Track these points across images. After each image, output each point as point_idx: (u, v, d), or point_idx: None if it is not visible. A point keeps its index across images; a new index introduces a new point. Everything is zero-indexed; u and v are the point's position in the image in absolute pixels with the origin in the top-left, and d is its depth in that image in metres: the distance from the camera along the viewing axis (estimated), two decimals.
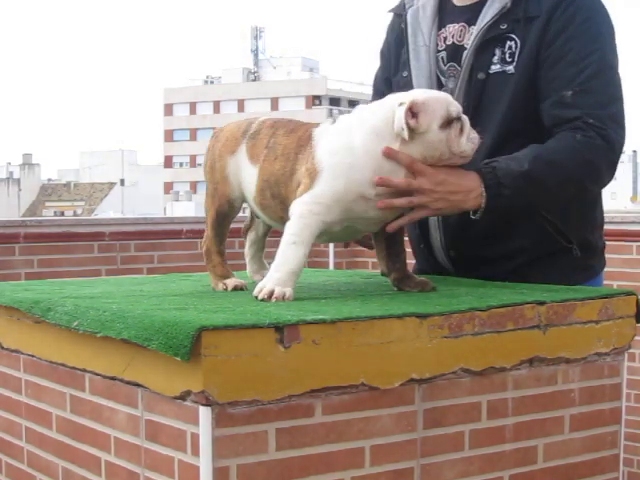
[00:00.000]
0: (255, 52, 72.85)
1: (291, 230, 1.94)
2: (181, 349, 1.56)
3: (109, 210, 50.19)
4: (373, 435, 1.71)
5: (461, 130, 2.01)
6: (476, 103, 2.24)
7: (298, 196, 1.97)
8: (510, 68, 2.22)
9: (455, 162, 2.04)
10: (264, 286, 1.91)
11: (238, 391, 1.58)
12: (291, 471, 1.64)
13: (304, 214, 1.94)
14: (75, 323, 1.83)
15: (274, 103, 66.51)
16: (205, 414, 1.57)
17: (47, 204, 62.89)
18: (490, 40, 2.24)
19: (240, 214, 2.25)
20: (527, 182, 2.10)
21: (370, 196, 1.96)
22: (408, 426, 1.75)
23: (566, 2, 2.20)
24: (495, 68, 2.24)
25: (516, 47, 2.22)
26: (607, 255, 2.44)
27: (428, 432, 1.77)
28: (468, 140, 2.02)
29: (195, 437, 1.59)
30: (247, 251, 2.34)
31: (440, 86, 2.32)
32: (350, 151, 1.96)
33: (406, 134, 1.95)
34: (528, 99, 2.21)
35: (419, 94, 2.01)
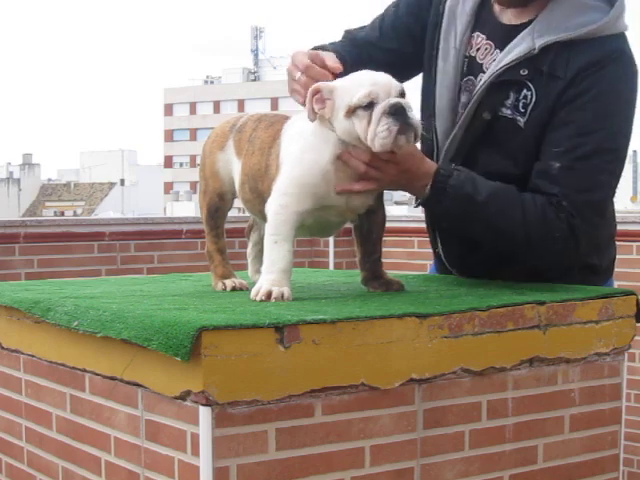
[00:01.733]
0: (255, 52, 72.85)
1: (270, 230, 1.95)
2: (181, 349, 1.56)
3: (109, 210, 50.15)
4: (373, 435, 1.71)
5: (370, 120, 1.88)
6: (476, 140, 2.16)
7: (271, 193, 1.98)
8: (521, 120, 2.11)
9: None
10: (260, 288, 1.91)
11: (238, 391, 1.58)
12: (291, 471, 1.64)
13: (277, 210, 1.95)
14: (75, 323, 1.83)
15: (274, 103, 66.47)
16: (205, 414, 1.57)
17: (47, 204, 62.85)
18: (506, 82, 2.12)
19: (241, 214, 2.26)
20: (470, 210, 2.04)
21: (328, 174, 1.94)
22: (408, 426, 1.75)
23: (593, 69, 2.07)
24: (506, 112, 2.12)
25: (531, 99, 2.10)
26: None
27: (428, 432, 1.77)
28: (375, 135, 1.87)
29: (195, 437, 1.59)
30: (249, 252, 2.34)
31: (459, 93, 2.22)
32: (302, 135, 1.96)
33: (311, 117, 1.93)
34: (536, 153, 2.11)
35: (341, 80, 1.95)
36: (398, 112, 1.88)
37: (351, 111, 1.90)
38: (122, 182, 64.13)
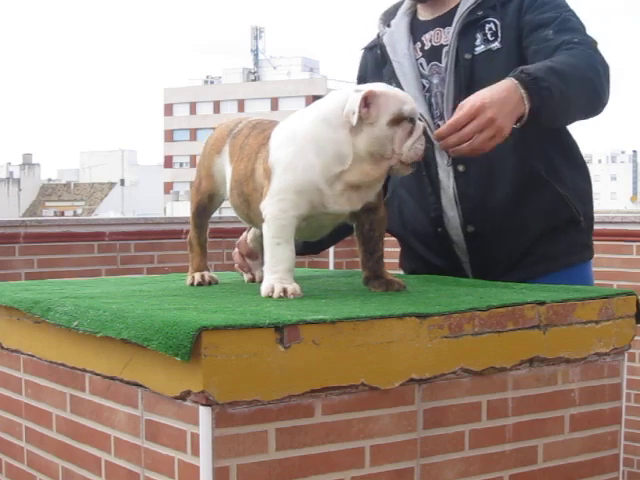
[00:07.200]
0: (255, 52, 72.83)
1: (271, 233, 1.96)
2: (181, 349, 1.56)
3: (109, 210, 50.13)
4: (373, 435, 1.71)
5: (410, 133, 1.97)
6: (467, 82, 2.30)
7: (263, 197, 1.98)
8: (495, 44, 2.32)
9: (394, 167, 1.98)
10: (272, 286, 1.93)
11: (238, 391, 1.58)
12: (291, 471, 1.64)
13: (276, 214, 1.96)
14: (75, 323, 1.83)
15: (274, 103, 66.46)
16: (205, 414, 1.57)
17: (47, 204, 62.80)
18: (470, 24, 2.34)
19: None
20: (556, 75, 2.13)
21: (319, 184, 1.95)
22: (408, 426, 1.75)
23: None
24: (480, 49, 2.33)
25: (496, 27, 2.33)
26: (607, 255, 2.45)
27: (428, 432, 1.77)
28: (412, 147, 1.96)
29: (195, 437, 1.59)
30: (250, 236, 2.37)
31: (423, 89, 2.38)
32: (292, 140, 1.96)
33: (355, 119, 1.91)
34: None
35: (378, 86, 1.99)
36: (425, 134, 2.02)
37: (397, 121, 1.94)
38: (122, 182, 64.09)
